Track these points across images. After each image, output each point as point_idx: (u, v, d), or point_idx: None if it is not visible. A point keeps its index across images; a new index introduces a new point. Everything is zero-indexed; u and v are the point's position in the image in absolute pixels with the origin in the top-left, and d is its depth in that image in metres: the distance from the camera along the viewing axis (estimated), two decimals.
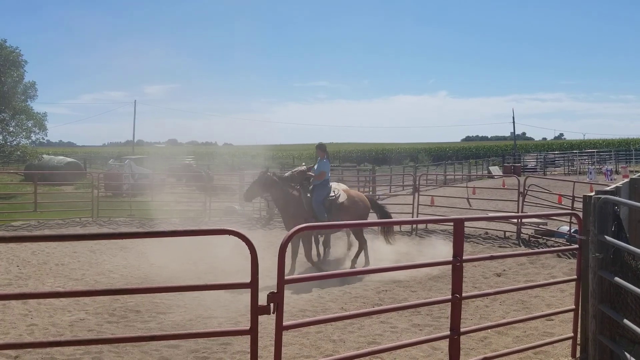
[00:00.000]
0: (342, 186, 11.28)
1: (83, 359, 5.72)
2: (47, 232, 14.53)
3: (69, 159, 34.93)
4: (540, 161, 43.18)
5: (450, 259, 4.72)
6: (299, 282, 4.59)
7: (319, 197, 10.29)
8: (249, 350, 5.85)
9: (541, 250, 10.59)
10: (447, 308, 7.34)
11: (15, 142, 26.37)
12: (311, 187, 10.44)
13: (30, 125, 26.35)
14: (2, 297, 4.31)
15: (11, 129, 26.17)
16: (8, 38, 34.55)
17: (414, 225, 14.01)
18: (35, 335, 6.61)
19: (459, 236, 4.57)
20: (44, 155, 32.93)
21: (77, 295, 7.89)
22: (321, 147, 10.74)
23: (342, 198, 10.50)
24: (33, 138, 26.94)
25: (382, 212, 11.12)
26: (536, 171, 39.36)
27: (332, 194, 10.41)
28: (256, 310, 3.68)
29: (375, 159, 66.32)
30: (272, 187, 10.40)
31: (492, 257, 5.39)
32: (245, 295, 7.72)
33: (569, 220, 11.84)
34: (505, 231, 13.12)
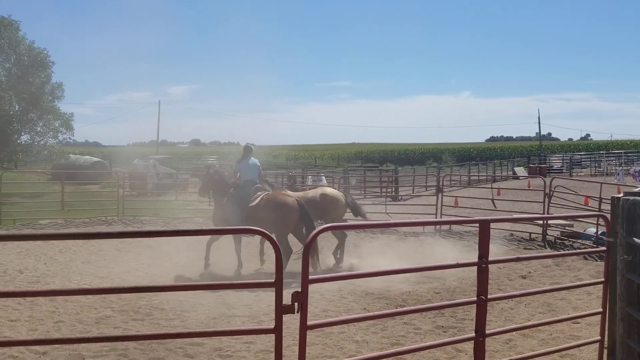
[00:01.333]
0: (323, 190, 11.45)
1: (109, 356, 5.80)
2: (73, 230, 14.77)
3: (95, 159, 35.49)
4: (567, 162, 42.49)
5: (475, 260, 4.67)
6: (323, 282, 4.58)
7: (231, 200, 10.41)
8: (272, 349, 5.90)
9: (567, 252, 10.44)
10: (471, 310, 7.29)
11: (42, 142, 26.85)
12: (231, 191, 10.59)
13: (57, 125, 26.78)
14: (31, 294, 4.40)
15: (39, 128, 26.65)
16: (36, 39, 35.18)
17: (437, 226, 13.91)
18: (62, 332, 6.72)
19: (484, 237, 4.52)
20: (71, 155, 33.52)
21: (103, 292, 7.97)
22: (245, 148, 10.98)
23: (258, 202, 10.23)
24: (60, 138, 27.39)
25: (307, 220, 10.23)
26: (562, 172, 38.75)
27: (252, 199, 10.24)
28: (280, 310, 3.68)
29: (398, 159, 66.03)
30: (212, 186, 10.86)
31: (518, 259, 5.32)
32: (268, 295, 7.78)
33: (595, 222, 11.64)
34: (530, 233, 12.95)
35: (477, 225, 4.59)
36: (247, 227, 3.73)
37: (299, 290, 3.74)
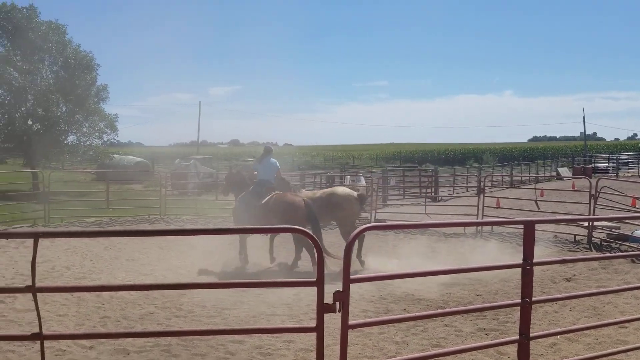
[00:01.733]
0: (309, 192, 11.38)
1: (153, 351, 5.92)
2: (118, 228, 15.14)
3: (138, 159, 36.35)
4: (613, 162, 41.18)
5: (520, 261, 4.58)
6: (365, 281, 4.57)
7: (244, 199, 10.63)
8: (311, 348, 5.94)
9: (614, 254, 10.14)
10: (514, 313, 7.15)
11: (88, 142, 27.56)
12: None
13: (102, 126, 27.46)
14: (78, 289, 4.55)
15: (85, 129, 27.36)
16: (82, 43, 36.11)
17: (479, 228, 13.70)
18: (108, 327, 6.89)
19: (529, 239, 4.43)
20: (115, 155, 34.37)
21: (147, 289, 8.18)
22: (264, 148, 11.10)
23: (266, 201, 10.36)
24: (105, 138, 28.03)
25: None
26: (608, 173, 37.57)
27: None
28: (322, 309, 3.69)
29: (438, 159, 65.30)
30: (233, 185, 11.11)
31: (563, 261, 5.20)
32: (307, 294, 7.81)
33: None
34: (575, 235, 12.61)
35: (520, 226, 4.50)
36: (287, 226, 3.75)
37: (340, 289, 3.74)
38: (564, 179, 30.71)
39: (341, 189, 11.35)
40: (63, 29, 26.47)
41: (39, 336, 3.65)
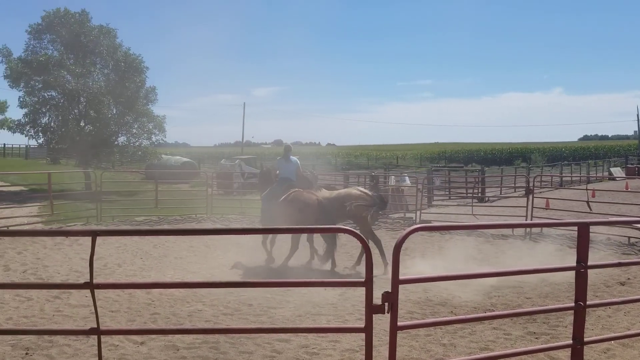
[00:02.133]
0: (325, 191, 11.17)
1: (201, 348, 6.03)
2: (166, 227, 15.48)
3: (185, 159, 37.09)
4: None
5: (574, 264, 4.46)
6: (414, 282, 4.54)
7: (266, 197, 11.03)
8: (357, 348, 5.93)
9: None
10: (565, 317, 6.96)
11: (137, 143, 28.29)
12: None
13: (151, 127, 28.12)
14: (131, 286, 4.68)
15: (134, 130, 28.10)
16: (132, 46, 37.05)
17: (527, 229, 13.38)
18: (158, 323, 7.05)
19: (583, 241, 4.30)
20: (163, 156, 35.18)
21: (196, 286, 8.34)
22: (285, 147, 11.63)
23: (284, 198, 10.61)
24: (153, 139, 28.66)
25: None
26: None
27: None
28: (371, 309, 3.69)
29: (484, 159, 64.17)
30: (265, 183, 11.38)
31: (619, 264, 5.04)
32: (352, 294, 7.81)
33: None
34: (629, 237, 12.18)
35: (572, 228, 4.38)
36: (337, 226, 3.76)
37: (388, 290, 3.72)
38: (617, 179, 29.72)
39: (356, 191, 11.23)
40: (114, 32, 27.28)
41: (96, 331, 3.77)
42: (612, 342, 5.91)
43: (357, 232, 3.82)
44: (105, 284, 3.84)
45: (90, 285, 3.69)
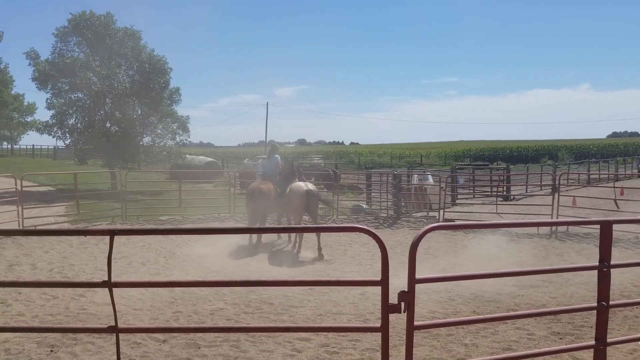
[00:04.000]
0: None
1: (222, 346, 6.06)
2: (187, 226, 15.62)
3: (208, 159, 37.37)
4: None
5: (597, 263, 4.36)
6: (431, 282, 4.49)
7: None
8: (377, 348, 5.89)
9: None
10: (591, 317, 6.82)
11: (162, 143, 28.55)
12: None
13: (175, 127, 28.35)
14: (150, 285, 4.74)
15: (159, 131, 28.36)
16: (156, 47, 37.35)
17: (553, 228, 13.17)
18: (180, 321, 7.12)
19: (606, 240, 4.21)
20: (187, 155, 35.49)
21: (218, 285, 8.36)
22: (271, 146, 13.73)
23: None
24: (177, 139, 28.87)
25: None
26: None
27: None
28: (387, 309, 3.66)
29: (510, 157, 63.36)
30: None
31: None
32: (374, 293, 7.76)
33: None
34: None
35: (598, 226, 4.28)
36: (352, 225, 3.73)
37: (405, 289, 3.69)
38: None
39: (301, 185, 12.05)
40: (138, 34, 27.58)
41: (114, 329, 3.81)
42: (639, 342, 5.77)
43: (372, 230, 3.78)
44: (123, 283, 3.88)
45: (109, 284, 3.73)
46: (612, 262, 4.32)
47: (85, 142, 26.94)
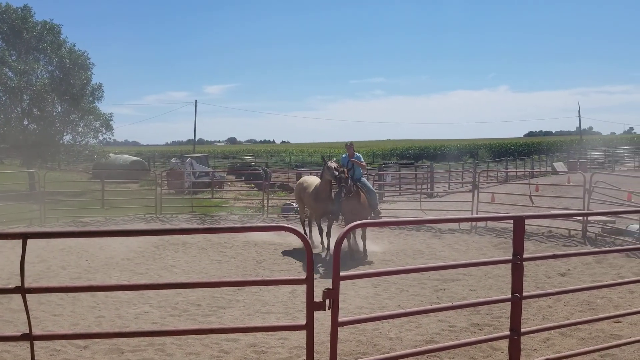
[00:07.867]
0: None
1: (147, 351, 5.93)
2: (113, 227, 15.11)
3: (133, 158, 36.29)
4: (609, 157, 41.26)
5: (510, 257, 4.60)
6: (354, 278, 4.58)
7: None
8: (305, 345, 5.94)
9: (609, 249, 10.15)
10: (508, 308, 7.17)
11: (83, 142, 27.42)
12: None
13: (97, 125, 27.31)
14: (68, 290, 4.55)
15: (80, 129, 27.21)
16: (77, 42, 35.88)
17: (473, 223, 13.72)
18: (102, 327, 6.90)
19: (518, 234, 4.45)
20: (111, 155, 34.26)
21: (142, 288, 8.16)
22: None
23: None
24: (100, 138, 27.84)
25: None
26: (604, 167, 37.64)
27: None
28: (312, 306, 3.70)
29: (434, 155, 65.33)
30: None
31: (554, 256, 5.21)
32: (303, 292, 7.82)
33: (639, 219, 11.30)
34: (570, 229, 12.65)
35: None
36: (278, 225, 3.75)
37: (330, 287, 3.74)
38: (560, 173, 30.79)
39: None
40: (58, 28, 26.35)
41: (29, 337, 3.64)
42: (552, 331, 6.11)
43: (297, 229, 3.82)
44: (38, 288, 3.71)
45: (22, 290, 3.56)
46: (525, 255, 4.57)
47: (1, 140, 25.49)
